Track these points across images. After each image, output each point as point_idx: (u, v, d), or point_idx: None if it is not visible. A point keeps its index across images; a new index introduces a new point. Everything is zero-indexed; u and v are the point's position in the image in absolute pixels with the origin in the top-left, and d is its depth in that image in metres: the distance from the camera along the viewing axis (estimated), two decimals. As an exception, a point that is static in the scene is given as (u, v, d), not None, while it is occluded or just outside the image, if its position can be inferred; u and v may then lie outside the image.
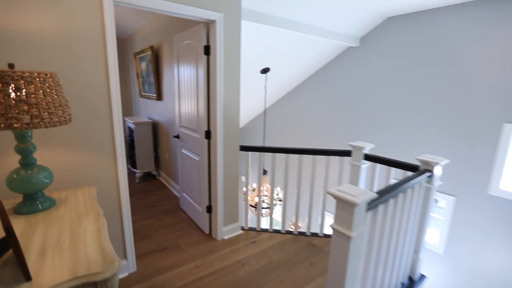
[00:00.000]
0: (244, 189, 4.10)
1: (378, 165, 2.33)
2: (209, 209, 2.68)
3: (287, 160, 2.64)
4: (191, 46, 2.55)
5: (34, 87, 1.13)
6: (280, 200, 4.18)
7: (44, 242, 1.04)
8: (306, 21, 3.05)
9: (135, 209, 3.31)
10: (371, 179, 2.39)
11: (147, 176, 4.48)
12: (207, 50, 2.33)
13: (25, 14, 1.48)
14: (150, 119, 4.48)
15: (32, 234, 1.10)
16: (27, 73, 1.11)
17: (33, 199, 1.31)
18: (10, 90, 1.07)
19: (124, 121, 5.99)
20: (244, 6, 2.61)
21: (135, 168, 4.27)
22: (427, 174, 1.79)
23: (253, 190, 4.24)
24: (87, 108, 1.74)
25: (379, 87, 3.72)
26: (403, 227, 1.75)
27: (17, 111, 1.09)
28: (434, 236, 3.53)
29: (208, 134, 2.49)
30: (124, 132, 5.91)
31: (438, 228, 3.51)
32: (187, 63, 2.68)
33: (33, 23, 1.51)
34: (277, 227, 6.34)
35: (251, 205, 3.97)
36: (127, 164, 4.98)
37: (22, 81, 1.10)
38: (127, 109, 6.02)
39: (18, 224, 1.17)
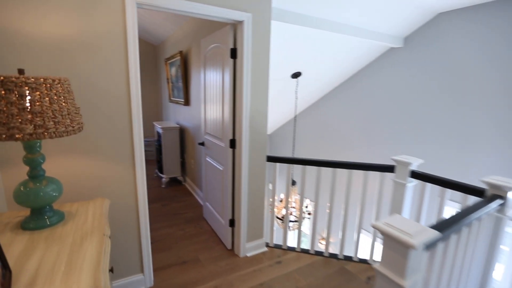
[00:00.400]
0: (271, 199, 3.88)
1: (429, 185, 1.98)
2: (231, 223, 2.50)
3: (319, 173, 2.37)
4: (218, 50, 2.42)
5: (39, 94, 1.03)
6: (309, 214, 3.89)
7: (38, 268, 0.92)
8: (343, 20, 2.77)
9: (158, 216, 3.25)
10: (418, 201, 2.04)
11: (173, 181, 4.45)
12: (233, 53, 2.17)
13: (42, 17, 1.43)
14: (178, 124, 4.46)
15: (30, 256, 0.99)
16: (32, 79, 1.01)
17: (41, 214, 1.22)
18: (14, 98, 0.98)
19: (153, 126, 6.11)
20: (275, 5, 2.42)
21: (161, 173, 4.26)
22: (498, 201, 1.44)
23: (280, 201, 4.00)
24: (106, 116, 1.66)
25: (427, 93, 3.29)
26: (465, 266, 1.41)
27: (19, 120, 0.99)
28: (498, 270, 2.99)
29: (232, 143, 2.32)
30: (153, 137, 6.01)
31: (502, 261, 2.98)
32: (213, 67, 2.55)
33: (48, 27, 1.45)
34: (306, 245, 5.97)
35: (277, 217, 3.73)
36: (155, 169, 5.02)
37: (26, 88, 1.00)
38: (157, 114, 6.13)
39: (20, 243, 1.07)
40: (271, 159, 2.45)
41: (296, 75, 3.68)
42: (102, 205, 1.43)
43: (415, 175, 2.06)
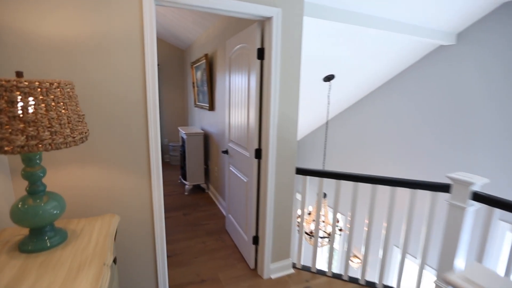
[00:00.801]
0: (299, 211, 3.60)
1: (497, 211, 1.60)
2: (255, 240, 2.27)
3: (355, 188, 2.07)
4: (243, 51, 2.23)
5: (34, 100, 0.89)
6: (340, 230, 3.54)
7: (19, 311, 0.76)
8: (385, 15, 2.45)
9: (178, 226, 3.11)
10: (482, 229, 1.66)
11: (197, 188, 4.33)
12: (260, 53, 1.96)
13: (50, 16, 1.32)
14: (202, 130, 4.35)
15: (15, 291, 0.84)
16: (25, 82, 0.87)
17: (41, 234, 1.08)
18: (3, 104, 0.85)
19: (178, 131, 6.10)
20: None
21: (185, 179, 4.16)
22: None
23: (309, 214, 3.69)
24: (120, 122, 1.52)
25: (486, 97, 2.83)
26: None
27: (9, 130, 0.86)
28: None
29: (258, 153, 2.11)
30: (179, 142, 5.98)
31: None
32: (238, 70, 2.37)
33: (58, 28, 1.34)
34: (335, 262, 5.57)
35: (306, 233, 3.44)
36: (179, 175, 4.96)
37: (18, 92, 0.86)
38: (183, 119, 6.12)
39: (10, 271, 0.93)
40: (301, 171, 2.19)
41: (329, 78, 3.39)
42: (110, 223, 1.28)
43: (479, 197, 1.68)
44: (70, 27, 1.35)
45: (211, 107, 3.78)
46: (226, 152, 2.77)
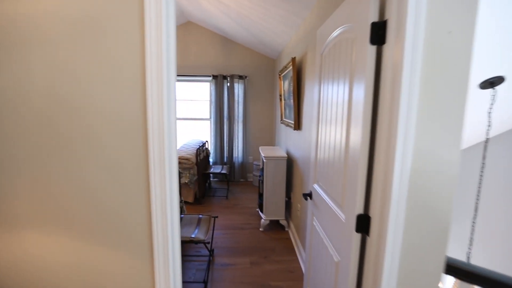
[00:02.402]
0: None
1: None
2: None
3: None
4: (342, 38, 1.31)
5: None
6: None
7: None
8: None
9: (240, 283, 2.35)
10: None
11: (274, 224, 3.52)
12: (378, 32, 1.01)
13: None
14: (287, 153, 3.56)
15: None
16: None
17: None
18: None
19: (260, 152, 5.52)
20: None
21: (261, 211, 3.43)
22: None
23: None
24: (102, 162, 0.87)
25: None
26: None
27: None
28: None
29: (363, 224, 1.12)
30: (259, 165, 5.36)
31: None
32: (333, 70, 1.46)
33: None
34: None
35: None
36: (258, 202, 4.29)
37: None
38: (269, 137, 5.51)
39: None
40: (454, 270, 1.07)
41: (492, 83, 2.02)
42: None
43: None
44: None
45: (297, 126, 2.95)
46: (309, 196, 1.86)
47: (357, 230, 1.12)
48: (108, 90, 0.87)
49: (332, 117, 1.46)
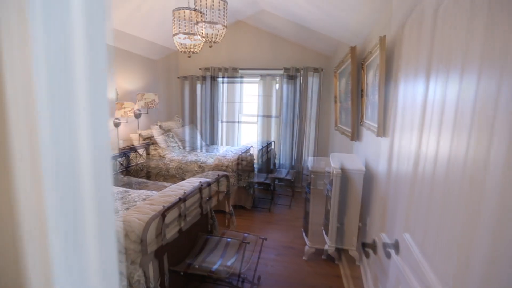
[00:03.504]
0: None
1: None
2: None
3: None
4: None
5: None
6: None
7: None
8: None
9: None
10: None
11: (321, 253, 2.79)
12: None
13: None
14: (341, 167, 2.73)
15: None
16: None
17: None
18: None
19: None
20: None
21: (306, 234, 2.79)
22: None
23: None
24: None
25: None
26: None
27: None
28: None
29: None
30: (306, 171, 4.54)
31: None
32: (459, 47, 0.75)
33: None
34: None
35: None
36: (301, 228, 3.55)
37: None
38: (323, 145, 4.70)
39: None
40: None
41: None
42: None
43: None
44: None
45: (354, 136, 2.14)
46: (395, 247, 1.20)
47: None
48: None
49: (449, 122, 0.70)
